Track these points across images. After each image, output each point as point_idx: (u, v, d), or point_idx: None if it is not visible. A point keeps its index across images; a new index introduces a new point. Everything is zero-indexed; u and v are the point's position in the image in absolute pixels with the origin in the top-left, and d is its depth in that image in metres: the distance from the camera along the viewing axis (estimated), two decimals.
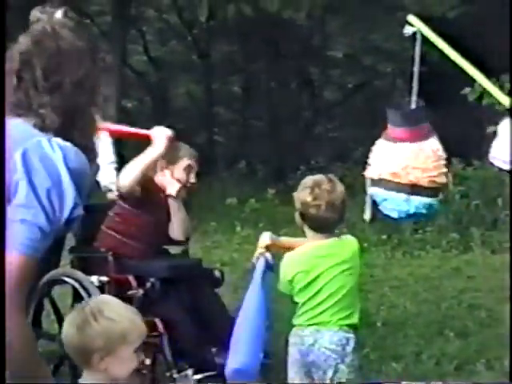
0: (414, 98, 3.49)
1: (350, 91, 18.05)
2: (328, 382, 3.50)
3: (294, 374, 3.58)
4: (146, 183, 4.66)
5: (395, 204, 3.44)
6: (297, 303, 3.62)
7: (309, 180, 3.60)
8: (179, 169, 4.82)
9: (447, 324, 6.24)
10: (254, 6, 11.31)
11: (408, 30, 3.47)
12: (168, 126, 4.53)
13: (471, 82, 8.65)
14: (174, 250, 5.06)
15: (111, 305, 2.53)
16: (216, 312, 4.67)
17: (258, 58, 17.36)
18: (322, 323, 3.52)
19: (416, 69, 3.45)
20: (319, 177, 3.59)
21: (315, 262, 3.57)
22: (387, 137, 3.51)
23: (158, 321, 4.39)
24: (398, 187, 3.40)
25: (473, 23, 14.31)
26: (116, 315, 2.46)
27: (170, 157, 4.75)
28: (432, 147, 3.42)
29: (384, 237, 9.48)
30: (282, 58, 17.06)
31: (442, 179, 3.41)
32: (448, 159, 3.57)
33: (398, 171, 3.39)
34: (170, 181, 4.77)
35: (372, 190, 3.49)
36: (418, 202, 3.41)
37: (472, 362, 5.37)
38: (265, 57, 17.12)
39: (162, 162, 4.76)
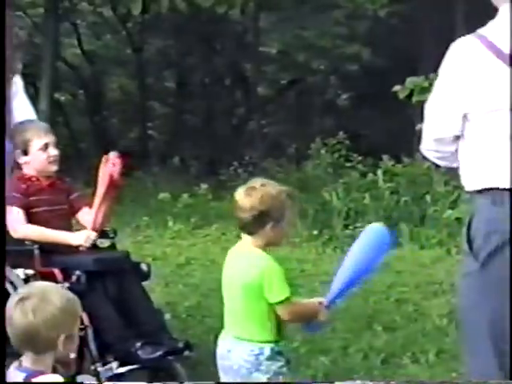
0: None
1: (283, 87, 18.14)
2: None
3: (220, 373, 3.57)
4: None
5: None
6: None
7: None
8: (34, 153, 4.72)
9: (375, 318, 6.32)
10: (188, 1, 11.30)
11: None
12: (101, 120, 4.56)
13: (401, 79, 8.85)
14: (101, 243, 5.05)
15: (51, 287, 2.66)
16: (142, 306, 4.67)
17: (192, 53, 17.35)
18: (237, 337, 3.47)
19: None
20: (254, 182, 3.55)
21: (238, 263, 3.49)
22: None
23: (83, 314, 4.37)
24: None
25: (403, 22, 14.54)
26: (65, 296, 2.58)
27: (21, 147, 4.66)
28: None
29: (315, 232, 9.56)
30: (216, 53, 17.08)
31: None
32: (379, 156, 3.61)
33: None
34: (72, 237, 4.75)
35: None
36: None
37: (398, 356, 5.45)
38: (199, 52, 17.13)
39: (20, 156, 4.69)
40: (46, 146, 4.73)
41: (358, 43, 14.05)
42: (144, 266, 4.85)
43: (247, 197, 3.41)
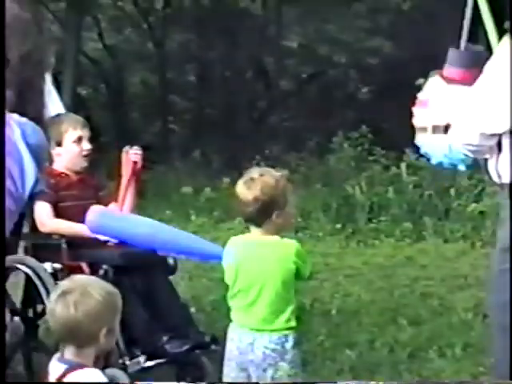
0: (463, 41, 3.49)
1: (304, 81, 18.09)
2: (269, 380, 3.45)
3: (229, 370, 3.52)
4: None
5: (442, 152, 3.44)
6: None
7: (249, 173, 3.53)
8: (67, 145, 4.71)
9: (400, 312, 6.30)
10: None
11: None
12: (123, 114, 4.55)
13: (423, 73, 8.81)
14: None
15: (92, 281, 2.72)
16: (169, 300, 4.67)
17: (213, 47, 17.33)
18: (257, 329, 3.47)
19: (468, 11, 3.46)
20: (261, 170, 3.54)
21: (256, 256, 3.49)
22: (442, 77, 3.51)
23: None
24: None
25: (426, 15, 14.47)
26: (106, 289, 2.61)
27: (55, 138, 4.63)
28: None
29: (338, 226, 9.54)
30: (238, 47, 17.05)
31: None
32: (402, 150, 3.60)
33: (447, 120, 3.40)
34: None
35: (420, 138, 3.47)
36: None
37: (424, 350, 5.43)
38: (220, 46, 17.10)
39: (53, 147, 4.67)
40: (79, 139, 4.71)
41: (380, 37, 14.00)
42: (171, 261, 4.86)
43: (248, 190, 3.40)
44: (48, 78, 4.20)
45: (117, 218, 4.46)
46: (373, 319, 6.13)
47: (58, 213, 4.69)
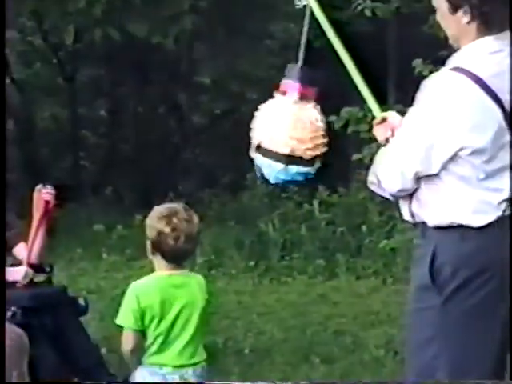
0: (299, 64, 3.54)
1: (217, 117, 18.12)
2: None
3: None
4: None
5: (273, 171, 3.45)
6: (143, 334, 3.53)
7: (164, 209, 3.54)
8: None
9: (313, 350, 6.31)
10: (122, 31, 11.24)
11: (300, 2, 3.51)
12: (32, 150, 4.44)
13: (336, 110, 8.89)
14: (37, 277, 4.93)
15: None
16: (79, 341, 4.59)
17: (125, 82, 17.24)
18: (184, 365, 3.48)
19: (303, 40, 3.50)
20: (174, 206, 3.55)
21: (171, 292, 3.50)
22: (278, 92, 3.54)
23: None
24: (276, 156, 3.42)
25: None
26: (15, 331, 2.53)
27: None
28: (311, 117, 3.43)
29: (252, 263, 9.52)
30: (150, 82, 17.00)
31: (318, 151, 3.42)
32: (314, 187, 3.63)
33: (277, 140, 3.40)
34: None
35: (254, 155, 3.47)
36: (294, 171, 3.42)
37: None
38: (132, 81, 17.03)
39: None
40: None
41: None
42: (81, 301, 4.78)
43: (188, 223, 3.51)
44: None
45: None
46: (285, 358, 6.12)
47: None
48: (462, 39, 3.26)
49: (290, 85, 3.48)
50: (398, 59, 11.62)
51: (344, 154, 10.38)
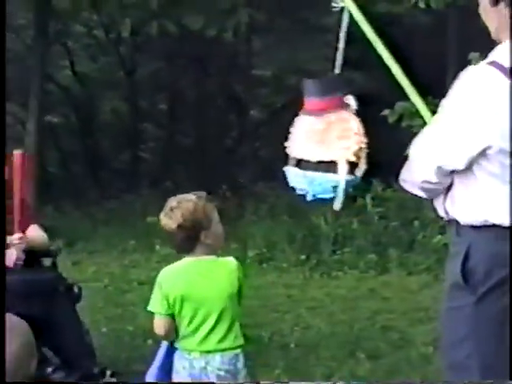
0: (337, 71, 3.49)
1: (276, 110, 18.09)
2: None
3: None
4: None
5: (303, 183, 3.37)
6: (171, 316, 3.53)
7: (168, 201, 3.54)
8: None
9: (360, 345, 6.25)
10: (178, 24, 11.28)
11: (337, 5, 3.46)
12: (93, 142, 4.47)
13: (390, 104, 8.80)
14: (46, 261, 4.99)
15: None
16: (68, 329, 4.59)
17: (184, 75, 17.32)
18: (210, 351, 3.48)
19: (341, 45, 3.46)
20: (181, 196, 3.56)
21: (196, 278, 3.52)
22: (303, 111, 3.50)
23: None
24: (314, 167, 3.35)
25: (398, 46, 14.49)
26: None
27: None
28: (342, 121, 3.38)
29: (303, 257, 9.49)
30: (209, 75, 17.04)
31: (353, 156, 3.33)
32: (368, 181, 3.56)
33: (312, 150, 3.34)
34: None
35: (289, 170, 3.40)
36: (322, 180, 3.35)
37: None
38: (191, 74, 17.10)
39: None
40: None
41: (350, 67, 13.98)
42: (76, 289, 4.80)
43: (170, 219, 3.48)
44: None
45: None
46: (331, 352, 6.07)
47: None
48: (502, 33, 3.16)
49: (311, 102, 3.43)
50: (457, 52, 11.46)
51: (398, 148, 10.25)
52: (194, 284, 3.50)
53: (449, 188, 3.23)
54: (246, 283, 8.91)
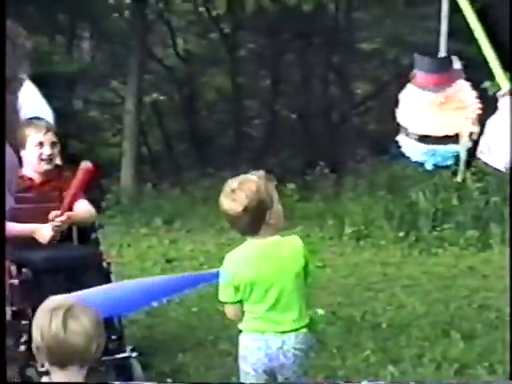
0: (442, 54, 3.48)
1: (383, 84, 17.82)
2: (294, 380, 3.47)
3: (255, 379, 3.47)
4: None
5: (422, 154, 3.38)
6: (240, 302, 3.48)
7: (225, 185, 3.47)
8: (29, 148, 4.74)
9: (454, 325, 6.08)
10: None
11: None
12: (196, 120, 4.47)
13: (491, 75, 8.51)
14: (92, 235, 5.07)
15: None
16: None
17: (287, 51, 17.23)
18: (285, 331, 3.44)
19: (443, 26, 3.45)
20: (237, 179, 3.47)
21: (261, 260, 3.44)
22: (414, 84, 3.48)
23: (29, 310, 4.34)
24: (425, 139, 3.35)
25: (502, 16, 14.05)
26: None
27: (20, 141, 4.60)
28: (458, 93, 3.38)
29: (401, 234, 9.32)
30: (312, 51, 16.89)
31: (467, 126, 3.33)
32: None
33: (432, 124, 3.33)
34: (39, 230, 4.67)
35: (401, 138, 3.40)
36: (443, 152, 3.35)
37: (473, 366, 5.19)
38: (294, 50, 17.00)
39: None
40: (41, 144, 4.76)
41: (454, 38, 13.65)
42: (105, 265, 4.81)
43: (234, 202, 3.37)
44: (28, 82, 4.16)
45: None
46: (424, 333, 5.92)
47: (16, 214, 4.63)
48: None
49: (430, 77, 3.40)
50: None
51: None
52: (262, 268, 3.43)
53: None
54: (342, 260, 8.85)
